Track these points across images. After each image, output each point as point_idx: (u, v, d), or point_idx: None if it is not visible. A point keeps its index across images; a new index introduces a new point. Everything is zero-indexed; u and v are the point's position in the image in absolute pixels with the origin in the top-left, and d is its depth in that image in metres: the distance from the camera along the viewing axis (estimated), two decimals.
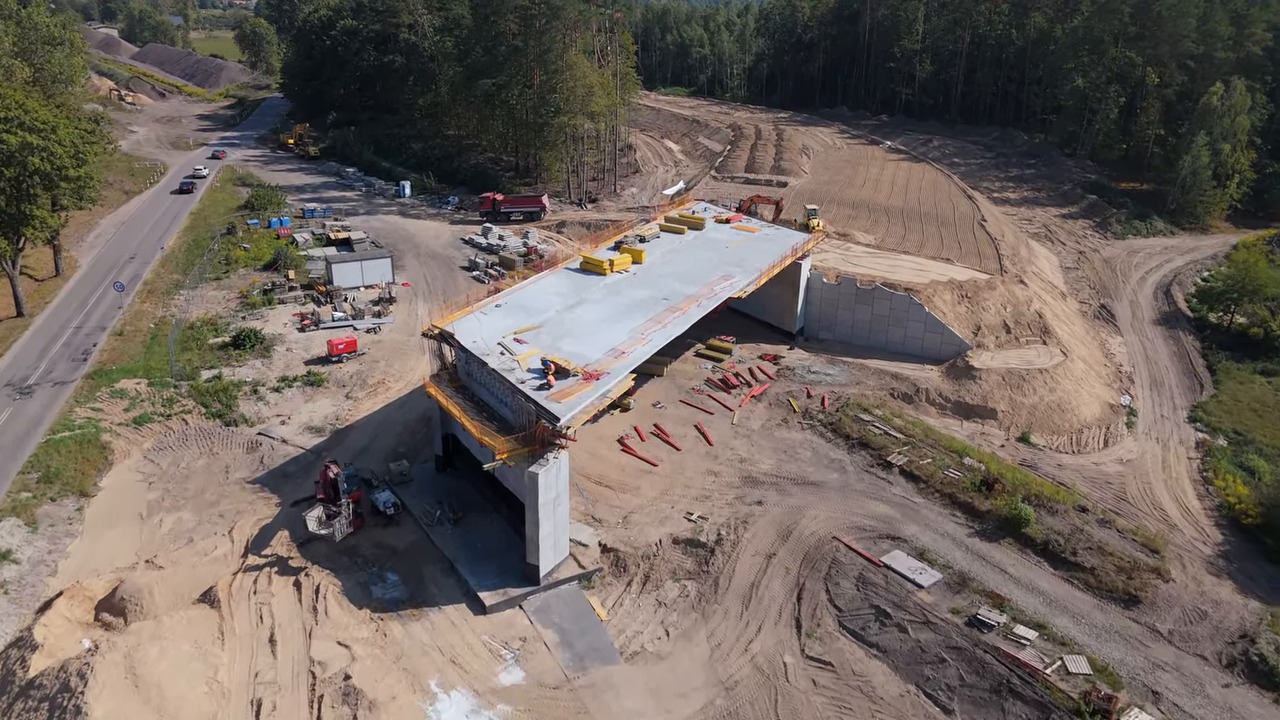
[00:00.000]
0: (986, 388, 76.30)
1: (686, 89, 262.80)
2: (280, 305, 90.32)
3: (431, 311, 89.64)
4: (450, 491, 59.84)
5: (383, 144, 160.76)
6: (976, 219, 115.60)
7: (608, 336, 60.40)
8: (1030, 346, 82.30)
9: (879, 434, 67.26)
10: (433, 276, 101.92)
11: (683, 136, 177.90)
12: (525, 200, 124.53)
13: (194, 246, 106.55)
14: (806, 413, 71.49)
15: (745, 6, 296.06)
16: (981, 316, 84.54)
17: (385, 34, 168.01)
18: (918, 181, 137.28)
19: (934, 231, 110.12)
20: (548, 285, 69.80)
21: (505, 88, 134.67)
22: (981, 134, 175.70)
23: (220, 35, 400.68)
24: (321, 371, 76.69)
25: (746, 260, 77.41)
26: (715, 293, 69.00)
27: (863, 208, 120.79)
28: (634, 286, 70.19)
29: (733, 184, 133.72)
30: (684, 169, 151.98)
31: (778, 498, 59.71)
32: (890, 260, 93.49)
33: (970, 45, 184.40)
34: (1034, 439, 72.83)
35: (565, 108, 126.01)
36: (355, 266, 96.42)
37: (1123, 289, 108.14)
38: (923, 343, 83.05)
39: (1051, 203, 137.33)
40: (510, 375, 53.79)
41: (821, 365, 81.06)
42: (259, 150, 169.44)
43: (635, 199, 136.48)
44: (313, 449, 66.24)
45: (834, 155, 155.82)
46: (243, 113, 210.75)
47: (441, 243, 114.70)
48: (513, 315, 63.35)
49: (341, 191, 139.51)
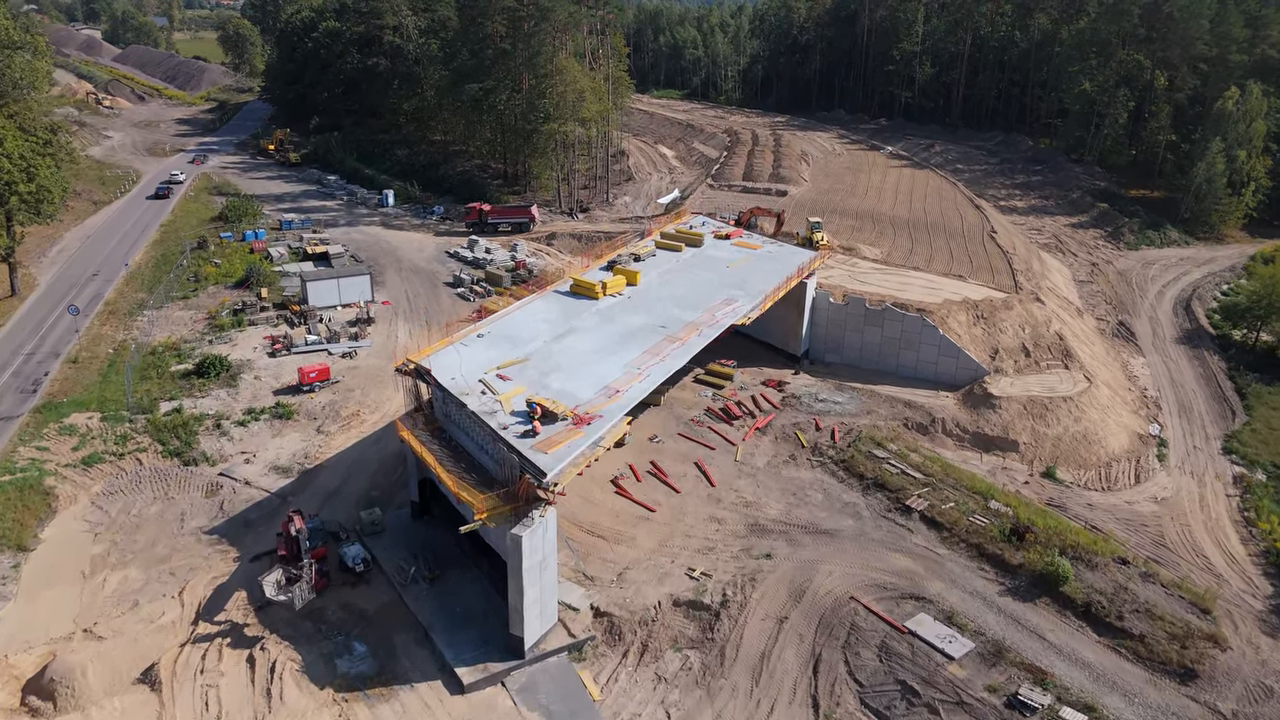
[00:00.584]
0: (1007, 417, 71.03)
1: (680, 91, 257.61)
2: (251, 327, 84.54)
3: (407, 345, 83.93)
4: (427, 543, 54.22)
5: (366, 150, 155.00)
6: (986, 230, 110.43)
7: (600, 371, 54.90)
8: (1052, 371, 77.04)
9: (895, 473, 61.85)
10: (415, 294, 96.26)
11: (677, 141, 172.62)
12: (513, 211, 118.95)
13: (162, 262, 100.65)
14: (816, 448, 66.07)
15: (739, 7, 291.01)
16: (999, 339, 79.29)
17: (369, 36, 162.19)
18: (922, 189, 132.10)
19: (943, 244, 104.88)
20: (535, 311, 64.26)
21: (493, 92, 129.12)
22: (984, 139, 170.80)
23: (205, 36, 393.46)
24: (291, 402, 71.00)
25: (749, 281, 71.98)
26: (717, 319, 63.54)
27: (866, 218, 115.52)
28: (629, 312, 64.70)
29: (730, 192, 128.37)
30: (679, 176, 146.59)
31: (788, 549, 54.25)
32: (899, 277, 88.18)
33: (971, 47, 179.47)
34: (1060, 474, 67.57)
35: (555, 114, 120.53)
36: (332, 284, 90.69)
37: (1140, 304, 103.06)
38: (937, 367, 77.80)
39: (1060, 211, 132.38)
40: (492, 419, 48.25)
41: (829, 392, 75.69)
42: (238, 157, 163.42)
43: (629, 208, 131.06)
44: (278, 492, 60.56)
45: (834, 162, 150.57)
46: (223, 117, 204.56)
47: (425, 256, 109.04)
48: (496, 346, 57.82)
49: (322, 201, 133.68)
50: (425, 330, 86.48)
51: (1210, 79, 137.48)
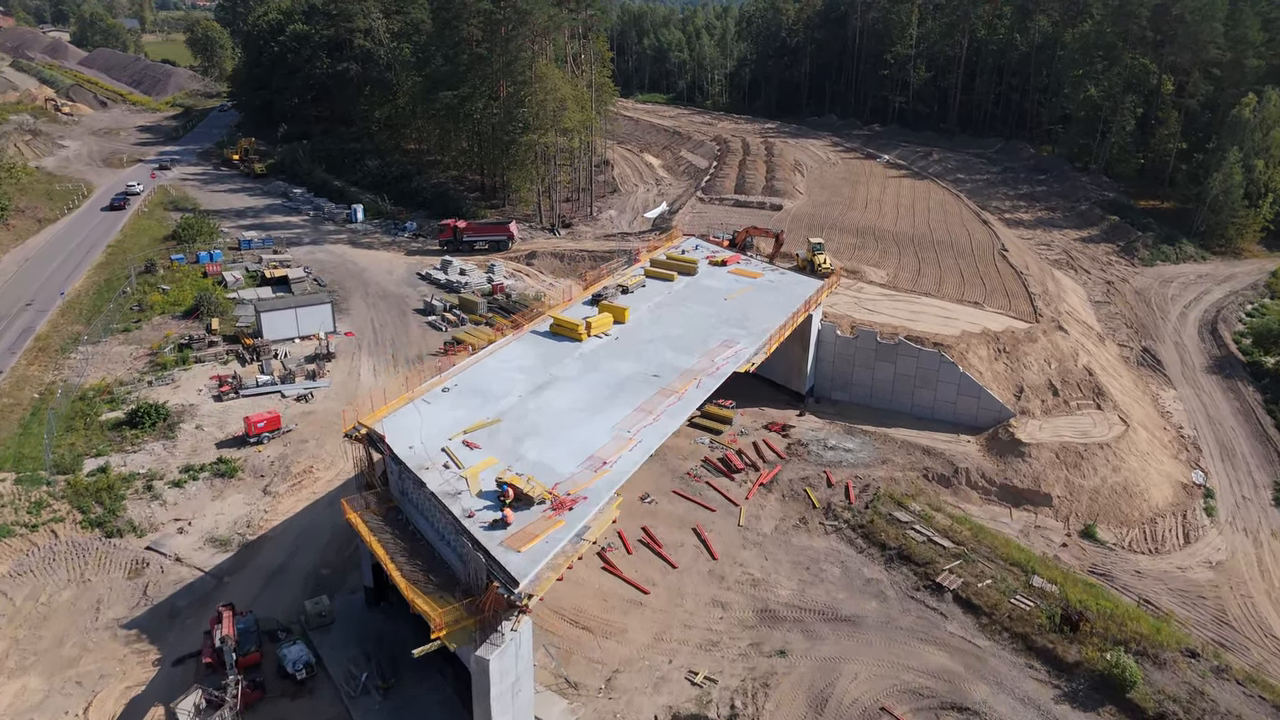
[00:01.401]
0: (1038, 467, 63.73)
1: (665, 95, 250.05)
2: (197, 365, 76.31)
3: (371, 386, 75.88)
4: (383, 637, 46.26)
5: (336, 160, 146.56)
6: (997, 248, 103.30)
7: (584, 436, 47.16)
8: (1083, 412, 69.83)
9: (921, 541, 54.38)
10: (381, 323, 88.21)
11: (664, 150, 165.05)
12: (490, 228, 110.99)
13: (105, 289, 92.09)
14: (829, 509, 58.51)
15: (724, 8, 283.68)
16: (1023, 375, 72.04)
17: (339, 40, 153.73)
18: (924, 202, 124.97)
19: (952, 264, 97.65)
20: (510, 357, 56.44)
21: (468, 100, 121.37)
22: (983, 146, 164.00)
23: (177, 39, 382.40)
24: (236, 457, 62.84)
25: (750, 317, 64.38)
26: (716, 366, 55.89)
27: (868, 235, 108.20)
28: (616, 356, 57.00)
29: (721, 206, 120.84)
30: (666, 187, 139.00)
31: (805, 644, 46.63)
32: (910, 304, 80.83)
33: (968, 51, 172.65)
34: (1100, 533, 60.35)
35: (535, 123, 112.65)
36: (289, 315, 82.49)
37: (1163, 328, 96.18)
38: (956, 407, 70.50)
39: (1069, 224, 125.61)
40: (455, 504, 40.43)
41: (839, 437, 68.21)
42: (200, 167, 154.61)
43: (614, 223, 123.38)
44: (213, 571, 52.47)
45: (829, 172, 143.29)
46: (188, 124, 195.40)
47: (395, 279, 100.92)
48: (464, 403, 50.00)
49: (286, 216, 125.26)
50: (391, 366, 78.66)
51: (1224, 84, 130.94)
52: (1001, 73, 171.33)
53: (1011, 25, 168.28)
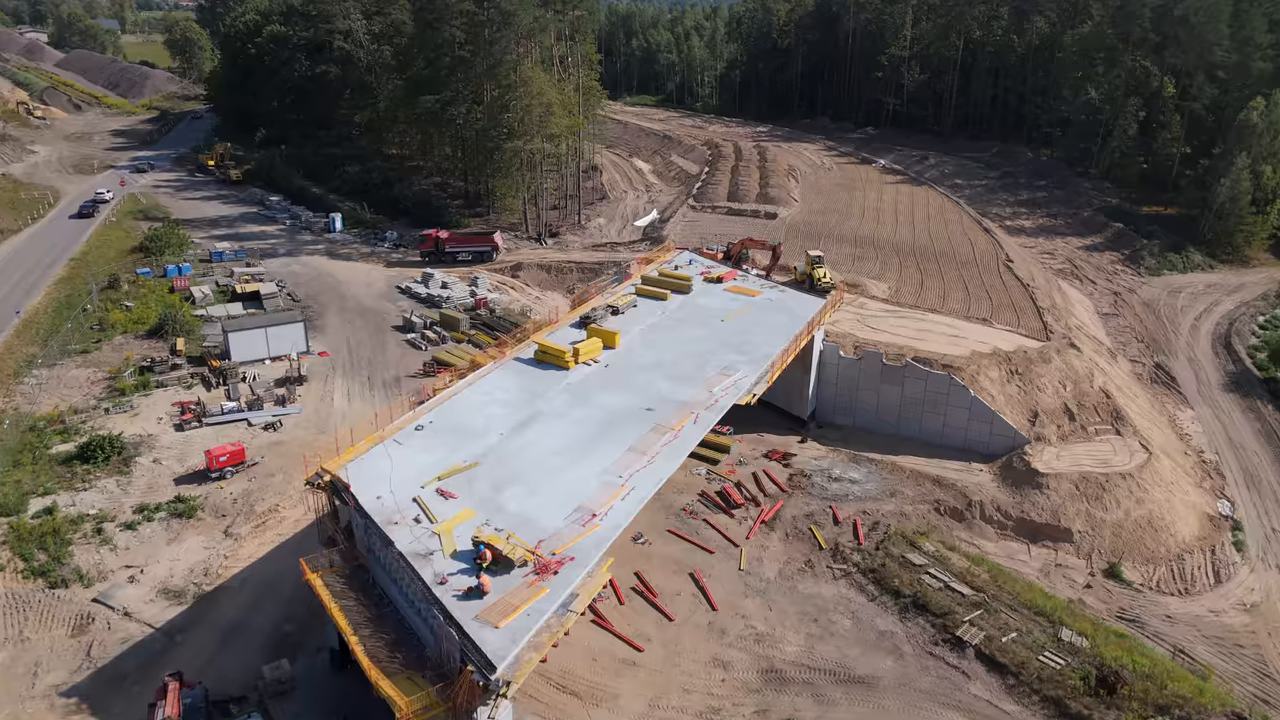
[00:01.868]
0: (1056, 500, 59.67)
1: (654, 97, 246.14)
2: (159, 390, 71.51)
3: (345, 411, 71.29)
4: (352, 710, 41.74)
5: (314, 167, 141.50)
6: (1001, 259, 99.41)
7: (571, 481, 42.80)
8: (1102, 439, 65.81)
9: (938, 587, 50.20)
10: (358, 341, 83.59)
11: (653, 154, 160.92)
12: (474, 238, 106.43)
13: (65, 306, 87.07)
14: (837, 550, 54.27)
15: (714, 9, 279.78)
16: (1037, 398, 68.00)
17: (317, 42, 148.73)
18: (923, 209, 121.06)
19: (955, 276, 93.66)
20: (490, 388, 52.02)
21: (450, 105, 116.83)
22: (980, 150, 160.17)
23: (158, 40, 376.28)
24: (196, 495, 58.19)
25: (750, 341, 60.12)
26: (715, 398, 51.59)
27: (867, 245, 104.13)
28: (606, 388, 52.65)
29: (714, 215, 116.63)
30: (656, 194, 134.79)
31: (815, 710, 42.36)
32: (915, 322, 76.70)
33: (964, 52, 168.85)
34: (1126, 572, 56.34)
35: (520, 129, 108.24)
36: (259, 335, 77.77)
37: (1175, 342, 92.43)
38: (967, 433, 66.42)
39: (1071, 231, 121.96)
40: (426, 568, 36.05)
41: (844, 467, 64.03)
42: (174, 173, 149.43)
43: (603, 231, 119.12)
44: (165, 628, 47.86)
45: (824, 178, 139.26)
46: (164, 128, 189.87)
47: (373, 293, 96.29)
48: (439, 444, 45.58)
49: (262, 225, 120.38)
50: (367, 389, 74.11)
51: (1229, 87, 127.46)
52: (998, 75, 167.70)
53: (1008, 26, 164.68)
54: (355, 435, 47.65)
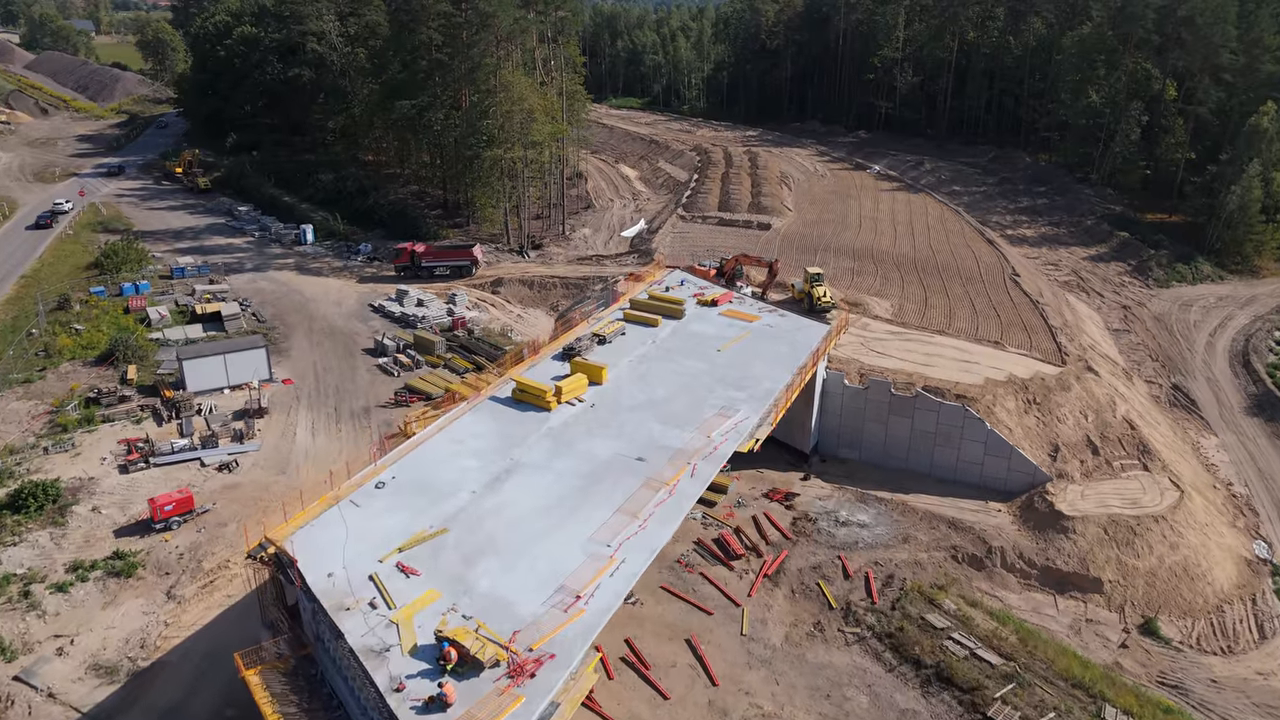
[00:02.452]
0: (1084, 545, 54.69)
1: (640, 100, 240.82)
2: (104, 425, 65.71)
3: (309, 448, 65.58)
4: None
5: (286, 174, 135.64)
6: (1007, 273, 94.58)
7: (552, 552, 37.42)
8: (1129, 475, 60.92)
9: (963, 655, 45.05)
10: (326, 367, 77.94)
11: (640, 160, 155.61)
12: (452, 252, 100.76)
13: (11, 329, 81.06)
14: (848, 610, 49.08)
15: (700, 9, 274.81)
16: (1057, 430, 63.05)
17: (290, 43, 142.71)
18: (922, 219, 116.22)
19: (960, 292, 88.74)
20: (462, 434, 46.55)
21: (427, 111, 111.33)
22: (976, 154, 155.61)
23: (132, 41, 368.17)
24: (137, 549, 52.51)
25: (750, 374, 54.88)
26: (714, 445, 46.28)
27: (866, 258, 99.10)
28: (592, 432, 47.28)
29: (705, 225, 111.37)
30: (644, 202, 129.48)
31: None
32: (923, 345, 71.62)
33: (958, 54, 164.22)
34: (1163, 628, 51.43)
35: (500, 136, 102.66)
36: (216, 362, 72.04)
37: (1191, 360, 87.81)
38: (982, 469, 61.41)
39: (1075, 241, 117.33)
40: (381, 667, 30.61)
41: (852, 508, 58.90)
42: (140, 182, 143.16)
43: (588, 242, 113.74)
44: (92, 713, 42.21)
45: (817, 185, 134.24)
46: (132, 133, 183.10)
47: (344, 311, 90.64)
48: (402, 504, 40.12)
49: (229, 238, 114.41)
50: (334, 422, 68.50)
51: (1237, 90, 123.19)
52: (993, 77, 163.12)
53: (1004, 27, 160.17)
54: (313, 485, 42.11)
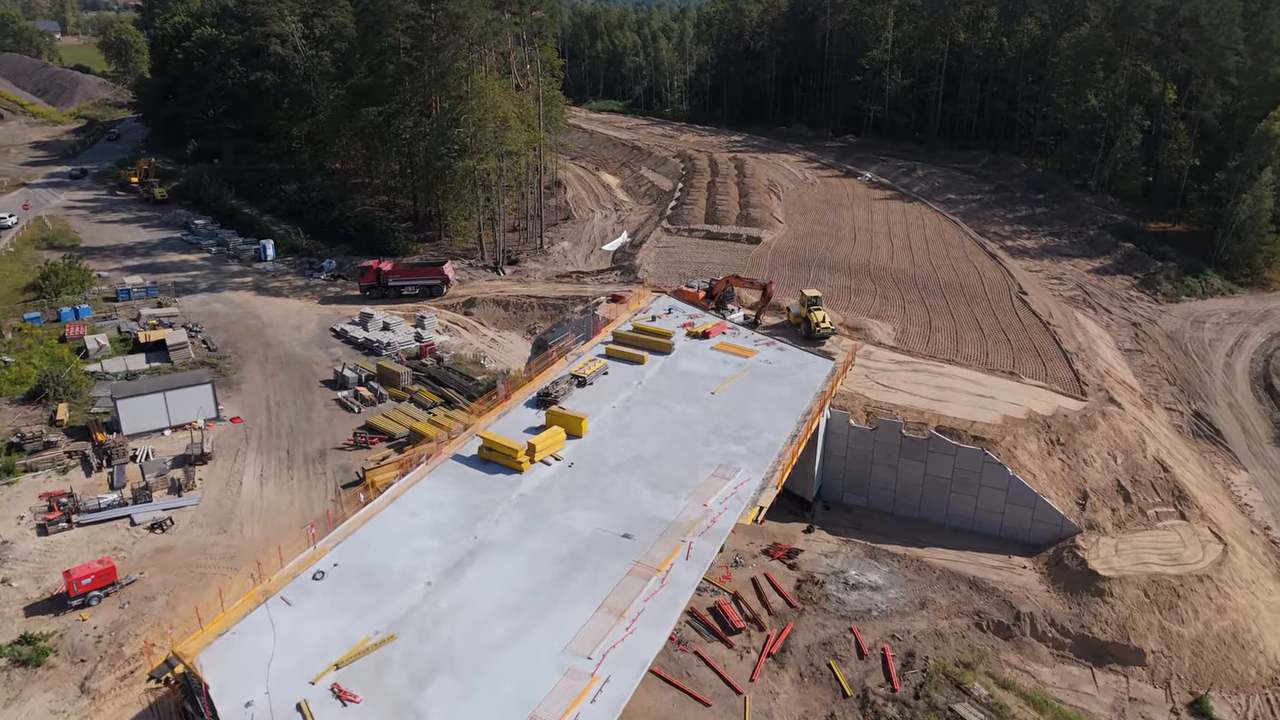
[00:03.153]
0: (1122, 610, 48.87)
1: (621, 102, 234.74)
2: (27, 476, 58.76)
3: (255, 501, 58.79)
4: None
5: (249, 184, 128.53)
6: (1014, 291, 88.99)
7: (521, 668, 31.09)
8: (1165, 525, 55.19)
9: None
10: (280, 402, 71.22)
11: (621, 167, 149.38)
12: (421, 270, 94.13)
13: None
14: (865, 698, 43.00)
15: (682, 10, 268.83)
16: (1085, 474, 57.27)
17: (252, 45, 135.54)
18: (919, 229, 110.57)
19: (966, 313, 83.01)
20: (419, 505, 40.14)
21: (396, 118, 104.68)
22: (969, 160, 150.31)
23: (95, 42, 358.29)
24: (49, 631, 45.73)
25: (749, 423, 48.74)
26: (712, 516, 40.07)
27: (863, 274, 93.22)
28: (571, 500, 40.96)
29: (691, 239, 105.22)
30: (626, 213, 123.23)
31: None
32: (932, 376, 65.67)
33: (950, 56, 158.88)
34: (1215, 707, 45.66)
35: (473, 145, 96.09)
36: (156, 401, 65.16)
37: (1210, 384, 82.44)
38: (1003, 519, 55.55)
39: (1078, 252, 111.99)
40: None
41: (861, 565, 52.86)
42: (93, 192, 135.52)
43: (568, 256, 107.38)
44: None
45: (808, 194, 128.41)
46: (90, 138, 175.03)
47: (303, 337, 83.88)
48: (343, 600, 33.72)
49: (184, 254, 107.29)
50: (285, 467, 61.85)
51: (1243, 94, 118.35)
52: (985, 80, 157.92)
53: (997, 29, 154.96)
54: (256, 546, 35.56)
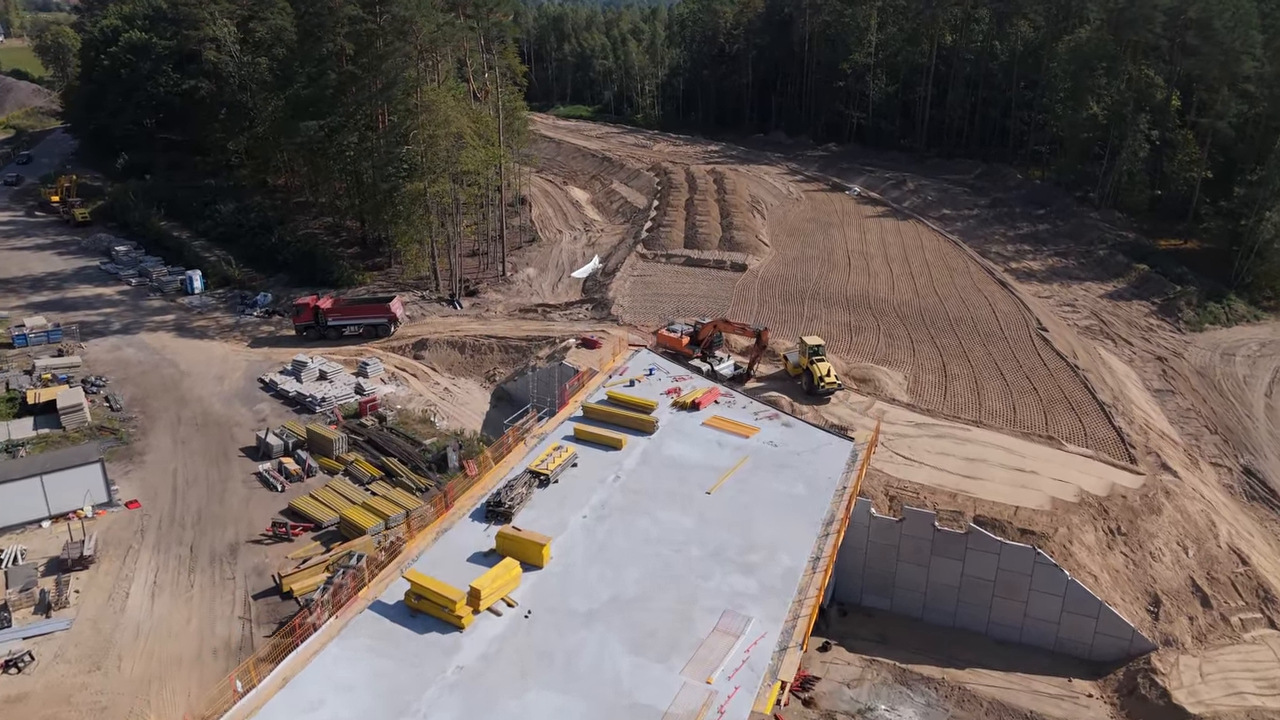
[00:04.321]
0: None
1: (589, 107, 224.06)
2: None
3: (142, 624, 47.74)
4: None
5: (181, 203, 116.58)
6: (1032, 326, 79.66)
7: None
8: (1254, 637, 45.69)
9: None
10: (190, 478, 60.04)
11: (592, 180, 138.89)
12: (365, 308, 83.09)
13: None
14: None
15: (652, 10, 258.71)
16: (1153, 571, 47.74)
17: (184, 51, 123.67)
18: (918, 252, 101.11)
19: (983, 355, 73.43)
20: (320, 689, 29.52)
21: (339, 133, 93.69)
22: (960, 171, 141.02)
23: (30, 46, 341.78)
24: None
25: (756, 540, 38.60)
26: (718, 703, 29.72)
27: (862, 308, 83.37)
28: (527, 678, 30.56)
29: (669, 266, 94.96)
30: (597, 234, 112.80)
31: None
32: (960, 444, 55.93)
33: (938, 60, 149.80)
34: None
35: (425, 165, 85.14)
36: (31, 486, 53.86)
37: (1253, 431, 73.24)
38: (1059, 629, 45.97)
39: (1089, 275, 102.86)
40: None
41: (890, 695, 43.03)
42: (8, 213, 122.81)
43: (533, 285, 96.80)
44: None
45: (793, 211, 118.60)
46: (15, 150, 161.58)
47: (226, 390, 72.65)
48: None
49: (100, 287, 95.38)
50: (186, 571, 50.94)
51: (1261, 102, 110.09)
52: (976, 86, 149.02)
53: (989, 32, 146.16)
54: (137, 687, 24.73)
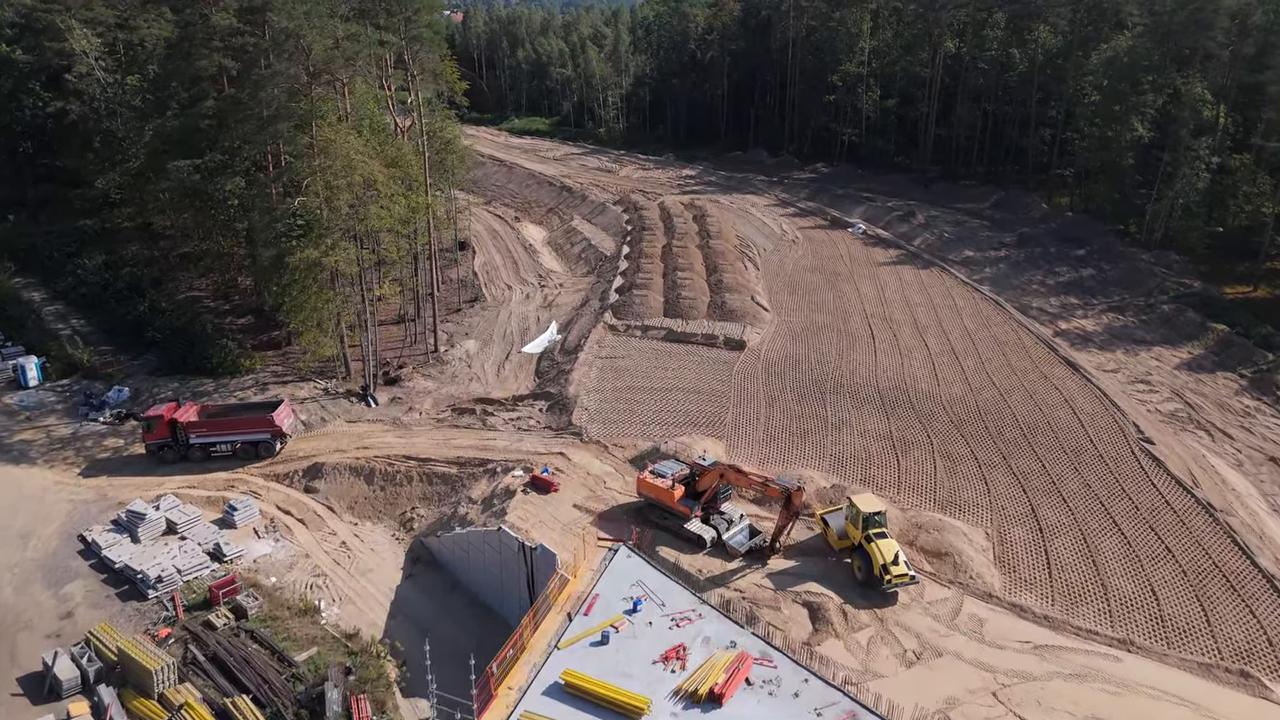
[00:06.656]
0: None
1: (547, 120, 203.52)
2: None
3: None
4: None
5: (40, 254, 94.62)
6: (1130, 435, 60.43)
7: None
8: None
9: None
10: None
11: (549, 214, 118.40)
12: (241, 421, 61.62)
13: None
14: None
15: (614, 12, 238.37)
16: None
17: (51, 68, 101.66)
18: (952, 315, 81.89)
19: (1077, 487, 54.01)
20: None
21: (219, 176, 72.48)
22: (973, 198, 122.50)
23: None
24: None
25: None
26: None
27: (902, 406, 63.58)
28: None
29: (646, 340, 74.71)
30: (555, 290, 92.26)
31: None
32: (1111, 695, 36.15)
33: (943, 71, 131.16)
34: None
35: (325, 224, 64.03)
36: None
37: None
38: None
39: (1154, 337, 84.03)
40: None
41: None
42: None
43: (473, 365, 76.35)
44: None
45: (790, 256, 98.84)
46: None
47: (30, 557, 51.36)
48: None
49: None
50: None
51: None
52: (988, 100, 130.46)
53: (1003, 39, 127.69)
54: None
